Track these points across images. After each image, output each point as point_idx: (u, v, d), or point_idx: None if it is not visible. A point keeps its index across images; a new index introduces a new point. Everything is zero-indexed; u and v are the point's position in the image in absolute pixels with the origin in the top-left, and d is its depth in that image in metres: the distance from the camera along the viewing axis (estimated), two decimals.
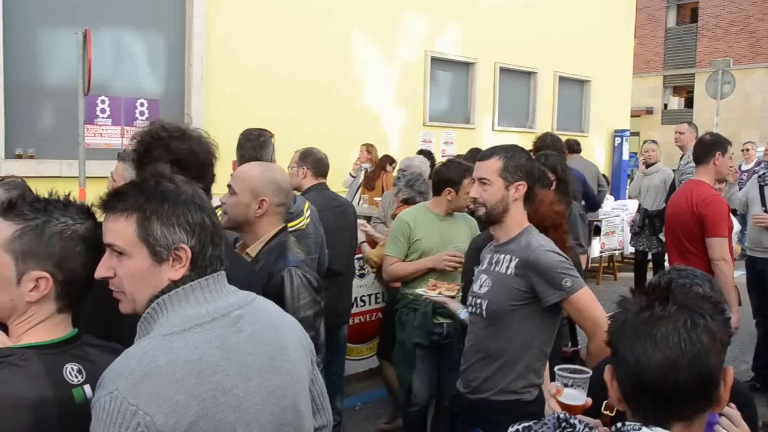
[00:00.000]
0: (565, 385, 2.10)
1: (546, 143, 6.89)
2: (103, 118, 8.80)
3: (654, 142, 9.77)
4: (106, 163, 7.48)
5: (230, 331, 1.69)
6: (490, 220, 3.17)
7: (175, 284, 1.67)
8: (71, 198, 1.86)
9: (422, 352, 4.60)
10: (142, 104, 9.18)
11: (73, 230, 1.77)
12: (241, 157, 4.34)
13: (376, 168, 9.53)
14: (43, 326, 1.74)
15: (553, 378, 2.24)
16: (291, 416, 1.79)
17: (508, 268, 3.07)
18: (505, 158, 3.10)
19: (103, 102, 8.77)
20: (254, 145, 4.37)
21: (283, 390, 1.77)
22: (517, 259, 3.04)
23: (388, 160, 9.62)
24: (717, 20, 29.74)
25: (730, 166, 7.09)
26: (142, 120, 9.15)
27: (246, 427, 1.65)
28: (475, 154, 6.51)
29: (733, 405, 1.87)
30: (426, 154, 9.32)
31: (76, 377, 1.71)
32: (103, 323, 1.92)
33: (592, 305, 3.00)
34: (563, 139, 9.34)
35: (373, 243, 5.95)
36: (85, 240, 1.78)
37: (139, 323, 1.69)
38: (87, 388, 1.71)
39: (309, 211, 4.42)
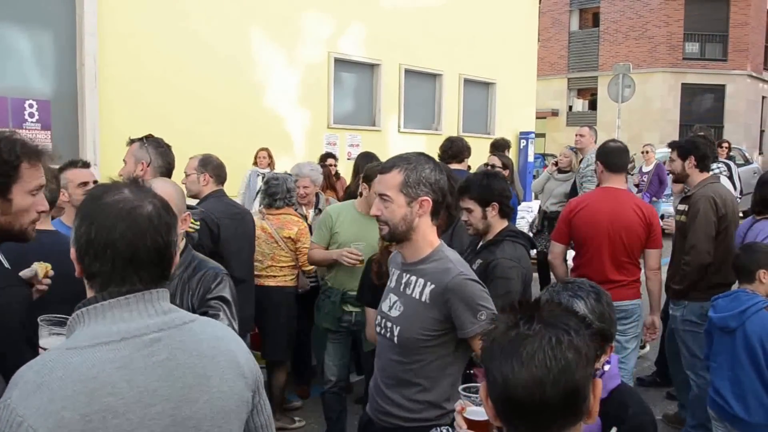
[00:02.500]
0: (473, 403, 2.12)
1: (458, 147, 6.73)
2: None
3: (573, 150, 9.76)
4: None
5: (139, 354, 1.62)
6: (394, 239, 2.91)
7: (95, 298, 1.65)
8: None
9: (333, 336, 5.01)
10: (31, 105, 8.66)
11: None
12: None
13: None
14: None
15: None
16: None
17: (422, 293, 2.82)
18: (407, 171, 2.79)
19: None
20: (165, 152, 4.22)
21: (196, 421, 1.67)
22: (433, 286, 2.79)
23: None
24: (617, 25, 30.77)
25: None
26: (32, 122, 8.67)
27: None
28: (365, 159, 6.43)
29: None
30: (331, 157, 9.19)
31: None
32: None
33: None
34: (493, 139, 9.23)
35: None
36: None
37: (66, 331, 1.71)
38: None
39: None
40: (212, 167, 5.20)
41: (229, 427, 1.76)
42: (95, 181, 4.05)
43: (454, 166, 6.19)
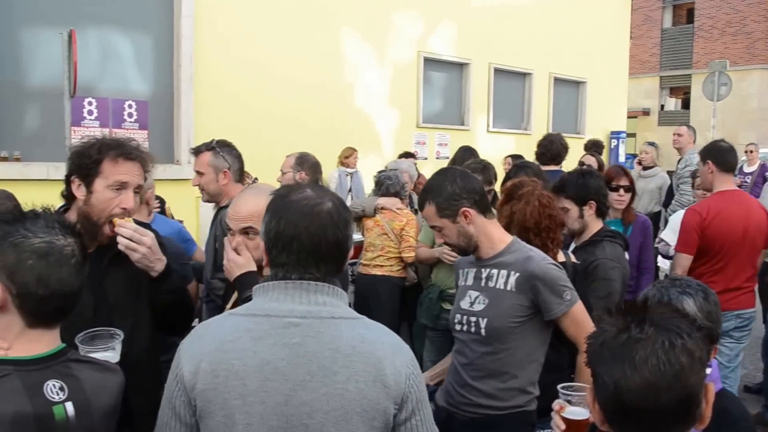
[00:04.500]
0: (569, 402, 2.13)
1: (557, 149, 6.53)
2: (90, 119, 8.68)
3: (651, 144, 9.53)
4: None
5: (275, 332, 1.77)
6: (467, 253, 3.10)
7: (266, 279, 1.87)
8: (49, 209, 1.91)
9: (431, 333, 5.12)
10: (130, 105, 9.08)
11: (28, 243, 1.75)
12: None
13: None
14: (21, 342, 1.74)
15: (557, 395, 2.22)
16: None
17: (506, 283, 2.96)
18: (434, 198, 2.98)
19: (90, 103, 8.65)
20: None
21: (309, 408, 1.74)
22: (518, 274, 2.93)
23: None
24: (713, 21, 29.75)
25: None
26: (130, 122, 9.06)
27: (245, 416, 1.73)
28: (465, 153, 6.39)
29: None
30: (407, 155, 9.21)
31: (58, 394, 1.71)
32: None
33: (588, 317, 2.92)
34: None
35: None
36: (39, 253, 1.75)
37: None
38: (69, 405, 1.71)
39: None
40: (308, 166, 5.27)
41: (349, 428, 1.75)
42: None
43: (549, 167, 6.02)
